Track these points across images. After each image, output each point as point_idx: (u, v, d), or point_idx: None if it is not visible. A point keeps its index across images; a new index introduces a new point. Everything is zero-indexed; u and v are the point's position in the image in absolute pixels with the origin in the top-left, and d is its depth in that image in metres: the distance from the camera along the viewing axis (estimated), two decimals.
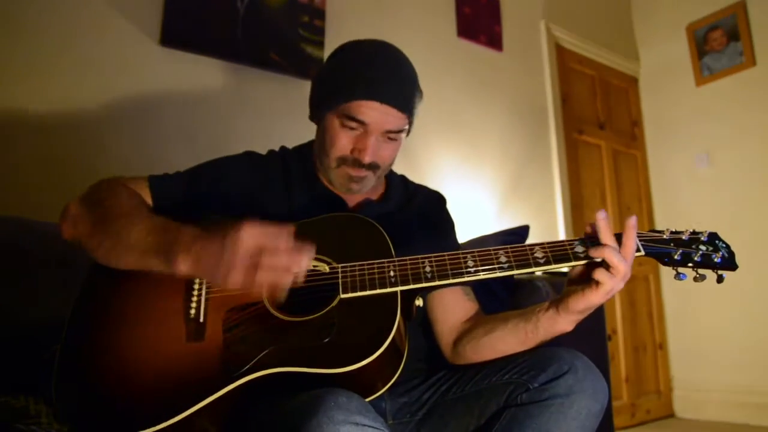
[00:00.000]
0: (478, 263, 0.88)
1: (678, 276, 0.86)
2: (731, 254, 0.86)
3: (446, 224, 1.24)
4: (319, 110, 1.09)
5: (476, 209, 2.58)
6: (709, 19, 3.41)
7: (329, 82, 1.07)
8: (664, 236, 0.88)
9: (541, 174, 2.99)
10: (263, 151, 1.20)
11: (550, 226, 2.96)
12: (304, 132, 1.35)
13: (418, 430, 1.01)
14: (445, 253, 0.90)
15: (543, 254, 0.88)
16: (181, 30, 1.84)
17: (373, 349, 0.79)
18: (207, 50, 1.89)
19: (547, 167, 3.03)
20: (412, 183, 1.27)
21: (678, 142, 3.53)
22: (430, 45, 2.58)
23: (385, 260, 0.89)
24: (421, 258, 0.89)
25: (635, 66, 3.75)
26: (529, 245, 0.89)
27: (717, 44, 3.37)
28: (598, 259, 0.84)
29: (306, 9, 2.14)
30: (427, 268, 0.88)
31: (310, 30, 2.13)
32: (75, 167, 1.60)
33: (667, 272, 3.52)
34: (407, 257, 0.89)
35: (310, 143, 1.20)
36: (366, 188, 1.10)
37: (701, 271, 0.85)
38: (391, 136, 1.05)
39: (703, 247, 0.86)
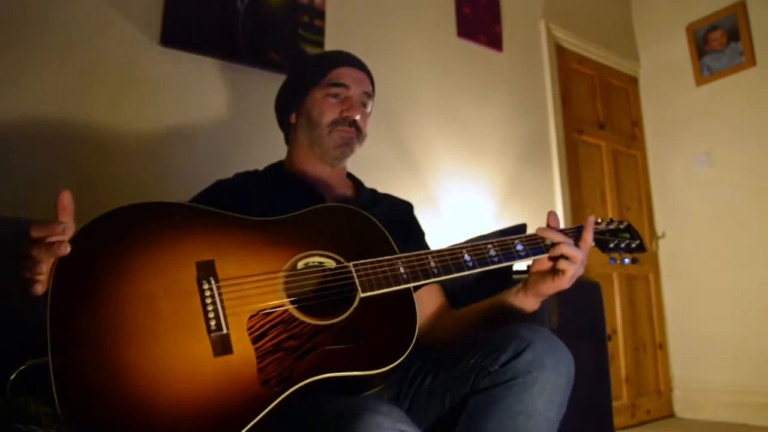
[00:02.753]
0: (474, 257, 0.98)
1: (610, 260, 1.13)
2: (641, 239, 1.15)
3: (415, 227, 1.35)
4: (298, 99, 1.26)
5: (476, 209, 2.58)
6: (709, 19, 3.41)
7: (303, 73, 1.28)
8: (602, 227, 1.13)
9: (541, 174, 2.99)
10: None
11: None
12: None
13: None
14: (443, 249, 0.98)
15: (522, 247, 1.02)
16: (181, 30, 1.83)
17: (405, 346, 0.85)
18: (207, 50, 1.89)
19: (547, 167, 3.03)
20: (381, 193, 1.38)
21: (678, 142, 3.54)
22: (430, 45, 2.58)
23: (393, 257, 0.95)
24: (424, 254, 0.96)
25: (635, 66, 3.75)
26: (511, 238, 1.03)
27: (717, 44, 3.37)
28: (559, 254, 1.00)
29: (306, 9, 2.14)
30: (432, 264, 0.96)
31: (310, 30, 2.13)
32: (74, 167, 1.60)
33: (667, 273, 3.53)
34: (411, 254, 0.96)
35: (279, 161, 1.33)
36: (352, 153, 1.25)
37: (624, 255, 1.12)
38: (364, 100, 1.24)
39: (624, 236, 1.14)
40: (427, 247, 1.29)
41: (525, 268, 2.32)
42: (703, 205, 3.37)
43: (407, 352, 0.84)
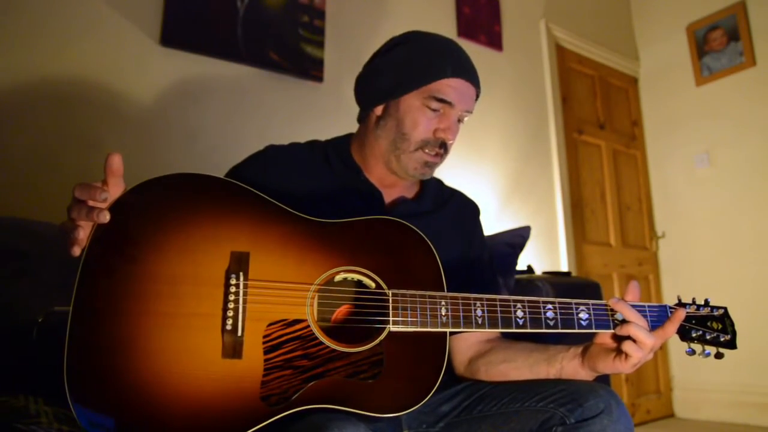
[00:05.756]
0: (527, 315, 0.89)
1: (687, 350, 0.96)
2: (734, 335, 0.94)
3: (478, 236, 1.23)
4: (391, 93, 1.06)
5: None
6: (709, 19, 3.41)
7: (407, 64, 1.06)
8: (688, 311, 0.95)
9: (541, 174, 2.99)
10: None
11: (550, 225, 2.96)
12: (303, 131, 1.35)
13: None
14: (496, 297, 0.89)
15: (587, 316, 0.90)
16: (181, 30, 1.84)
17: (418, 399, 0.80)
18: (207, 50, 1.89)
19: (547, 167, 3.03)
20: (448, 187, 1.27)
21: (678, 142, 3.54)
22: None
23: (437, 294, 0.87)
24: (473, 298, 0.88)
25: (635, 66, 3.76)
26: (576, 302, 0.91)
27: (717, 44, 3.37)
28: (626, 335, 0.87)
29: (306, 9, 2.14)
30: (479, 312, 0.88)
31: (310, 30, 2.13)
32: (75, 167, 1.60)
33: (667, 272, 3.53)
34: (459, 294, 0.88)
35: (346, 136, 1.19)
36: (430, 175, 1.12)
37: (707, 347, 0.95)
38: (461, 117, 1.08)
39: (715, 325, 0.95)
40: (484, 255, 1.20)
41: (525, 268, 2.33)
42: (703, 205, 3.37)
43: (420, 404, 0.79)
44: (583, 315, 0.90)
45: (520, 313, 0.89)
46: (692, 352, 0.94)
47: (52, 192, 1.55)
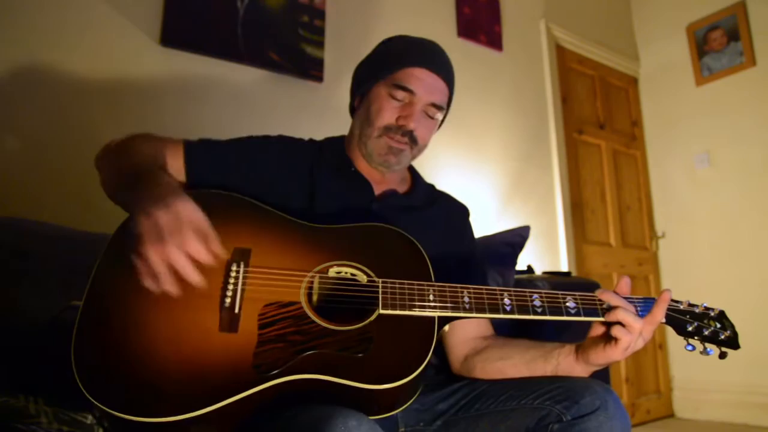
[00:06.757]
0: (514, 303, 0.91)
1: (687, 346, 0.95)
2: (735, 334, 0.94)
3: (468, 237, 1.26)
4: (365, 85, 1.14)
5: (477, 209, 2.56)
6: (709, 19, 3.41)
7: (380, 57, 1.15)
8: (682, 307, 0.97)
9: (541, 174, 2.99)
10: None
11: (550, 225, 2.96)
12: (303, 131, 1.35)
13: None
14: (482, 287, 0.92)
15: (574, 305, 0.92)
16: (181, 30, 1.84)
17: (407, 371, 0.81)
18: (207, 50, 1.89)
19: (547, 167, 3.03)
20: (439, 190, 1.31)
21: (678, 142, 3.54)
22: None
23: (425, 283, 0.91)
24: (460, 287, 0.91)
25: (635, 66, 3.76)
26: (563, 293, 0.93)
27: (717, 44, 3.37)
28: (615, 321, 0.90)
29: (306, 9, 2.14)
30: (466, 299, 0.90)
31: (310, 30, 2.13)
32: (75, 167, 1.60)
33: (667, 273, 3.53)
34: (446, 284, 0.91)
35: (340, 137, 1.24)
36: (402, 164, 1.14)
37: (708, 345, 0.94)
38: (431, 112, 1.11)
39: (713, 323, 0.95)
40: (471, 252, 1.23)
41: (525, 268, 2.33)
42: (703, 205, 3.37)
43: (409, 378, 0.81)
44: (570, 303, 0.92)
45: (507, 301, 0.91)
46: (692, 348, 0.94)
47: (52, 192, 1.55)
